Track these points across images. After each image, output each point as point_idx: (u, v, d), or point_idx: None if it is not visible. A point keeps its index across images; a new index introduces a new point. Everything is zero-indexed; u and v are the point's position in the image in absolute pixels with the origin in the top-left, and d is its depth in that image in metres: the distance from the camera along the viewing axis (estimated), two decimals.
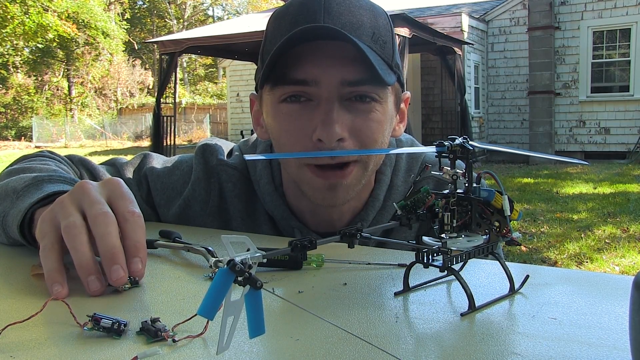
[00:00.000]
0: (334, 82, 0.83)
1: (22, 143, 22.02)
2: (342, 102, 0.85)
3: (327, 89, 0.83)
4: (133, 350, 0.47)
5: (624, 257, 4.44)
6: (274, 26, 0.89)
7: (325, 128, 0.82)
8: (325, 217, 0.98)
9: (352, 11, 0.84)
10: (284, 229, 1.00)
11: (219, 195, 1.03)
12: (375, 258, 0.74)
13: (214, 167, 1.04)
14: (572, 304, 0.56)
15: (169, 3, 34.39)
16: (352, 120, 0.85)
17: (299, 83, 0.84)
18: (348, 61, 0.83)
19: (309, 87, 0.84)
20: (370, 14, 0.86)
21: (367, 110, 0.86)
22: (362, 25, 0.84)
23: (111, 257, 0.63)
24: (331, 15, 0.83)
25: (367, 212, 0.98)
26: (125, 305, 0.60)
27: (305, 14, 0.84)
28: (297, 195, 0.98)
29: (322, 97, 0.84)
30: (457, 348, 0.47)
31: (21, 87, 26.79)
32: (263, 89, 0.91)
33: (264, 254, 0.41)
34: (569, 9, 12.41)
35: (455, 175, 0.56)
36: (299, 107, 0.86)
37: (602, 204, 6.72)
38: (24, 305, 0.60)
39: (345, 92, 0.84)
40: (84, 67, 27.30)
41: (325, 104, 0.84)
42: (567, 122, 12.64)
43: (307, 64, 0.83)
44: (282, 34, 0.84)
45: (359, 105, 0.86)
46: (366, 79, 0.83)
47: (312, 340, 0.48)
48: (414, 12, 12.85)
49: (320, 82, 0.83)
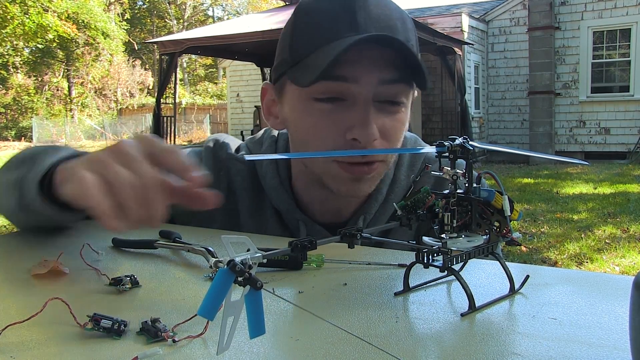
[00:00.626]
0: (374, 81, 0.85)
1: (22, 143, 22.02)
2: (374, 103, 0.86)
3: (366, 87, 0.85)
4: (133, 351, 0.47)
5: (624, 257, 4.44)
6: (304, 20, 0.89)
7: (364, 129, 0.84)
8: (333, 207, 1.01)
9: (387, 14, 0.86)
10: (290, 221, 1.01)
11: (227, 189, 1.04)
12: (375, 258, 0.74)
13: (223, 161, 1.05)
14: (572, 304, 0.56)
15: (169, 3, 34.41)
16: (382, 121, 0.87)
17: (339, 79, 0.85)
18: (388, 62, 0.85)
19: (346, 84, 0.85)
20: (400, 17, 0.89)
21: (395, 112, 0.89)
22: (396, 29, 0.86)
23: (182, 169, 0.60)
24: (371, 17, 0.84)
25: (370, 205, 1.01)
26: (125, 305, 0.60)
27: (344, 13, 0.84)
28: (307, 186, 1.01)
29: (359, 97, 0.85)
30: (457, 348, 0.47)
31: (21, 87, 26.80)
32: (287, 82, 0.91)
33: (264, 254, 0.41)
34: (569, 9, 12.41)
35: (455, 176, 0.56)
36: (333, 106, 0.87)
37: (602, 204, 6.72)
38: (24, 305, 0.60)
39: (380, 91, 0.86)
40: (84, 67, 27.31)
41: (363, 104, 0.85)
42: (567, 122, 12.64)
43: (348, 62, 0.83)
44: (319, 30, 0.85)
45: (389, 107, 0.88)
46: (403, 78, 0.86)
47: (312, 340, 0.48)
48: (414, 12, 12.87)
49: (361, 80, 0.84)
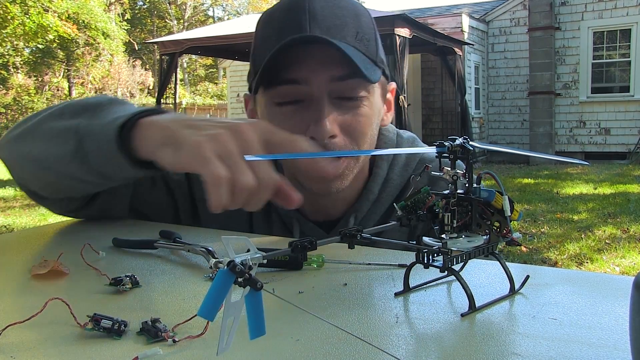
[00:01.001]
0: (323, 80, 0.88)
1: None
2: (331, 100, 0.89)
3: (317, 86, 0.88)
4: (133, 351, 0.47)
5: (624, 257, 4.43)
6: (263, 32, 0.95)
7: (318, 126, 0.87)
8: (321, 207, 1.02)
9: (335, 13, 0.89)
10: (286, 220, 1.03)
11: None
12: (375, 258, 0.74)
13: None
14: (573, 304, 0.56)
15: (169, 3, 34.40)
16: (342, 117, 0.89)
17: (291, 82, 0.89)
18: (335, 60, 0.87)
19: (300, 86, 0.88)
20: (353, 14, 0.91)
21: (356, 107, 0.91)
22: (346, 26, 0.89)
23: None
24: (316, 19, 0.87)
25: (360, 204, 1.02)
26: (125, 306, 0.60)
27: (291, 20, 0.89)
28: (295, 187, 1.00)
29: (313, 96, 0.89)
30: (457, 348, 0.47)
31: (21, 87, 26.79)
32: (257, 91, 0.95)
33: (264, 254, 0.41)
34: (569, 10, 12.41)
35: (455, 176, 0.56)
36: (292, 109, 0.90)
37: (602, 205, 6.72)
38: (24, 305, 0.60)
39: (334, 88, 0.89)
40: (84, 67, 27.30)
41: (316, 103, 0.88)
42: (567, 122, 12.64)
43: (298, 65, 0.88)
44: (271, 40, 0.90)
45: (347, 102, 0.90)
46: (352, 74, 0.88)
47: (312, 340, 0.48)
48: (415, 12, 12.87)
49: (311, 80, 0.88)
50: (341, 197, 1.01)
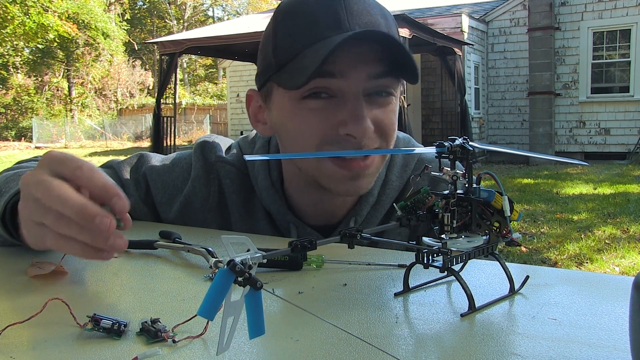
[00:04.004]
0: (362, 76, 0.85)
1: (22, 143, 22.01)
2: (365, 97, 0.87)
3: (355, 82, 0.85)
4: (133, 351, 0.47)
5: (624, 257, 4.43)
6: (287, 24, 0.89)
7: (358, 123, 0.84)
8: (326, 209, 1.00)
9: (369, 11, 0.87)
10: (280, 223, 1.01)
11: (218, 192, 1.05)
12: (375, 259, 0.74)
13: (213, 164, 1.05)
14: (572, 304, 0.56)
15: (169, 4, 34.40)
16: (375, 113, 0.88)
17: (326, 75, 0.84)
18: (374, 57, 0.85)
19: (334, 80, 0.85)
20: (381, 13, 0.89)
21: (386, 103, 0.89)
22: (380, 25, 0.87)
23: (85, 214, 0.59)
24: (353, 14, 0.85)
25: (361, 207, 1.00)
26: (125, 306, 0.60)
27: (325, 12, 0.85)
28: (300, 188, 1.00)
29: (349, 92, 0.85)
30: (457, 349, 0.47)
31: (21, 87, 26.79)
32: (274, 86, 0.91)
33: (264, 254, 0.41)
34: (569, 10, 12.41)
35: (455, 176, 0.56)
36: (323, 103, 0.86)
37: (602, 205, 6.72)
38: (24, 305, 0.60)
39: (370, 86, 0.86)
40: (84, 67, 27.30)
41: (354, 100, 0.85)
42: (567, 122, 12.64)
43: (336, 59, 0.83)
44: (303, 32, 0.85)
45: (378, 99, 0.88)
46: (388, 72, 0.87)
47: (312, 341, 0.48)
48: (414, 12, 12.87)
49: (349, 75, 0.85)
50: (342, 201, 1.00)
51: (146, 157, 1.13)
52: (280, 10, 0.91)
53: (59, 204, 0.60)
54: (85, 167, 0.64)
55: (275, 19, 0.91)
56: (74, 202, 0.60)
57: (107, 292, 0.64)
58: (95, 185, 0.63)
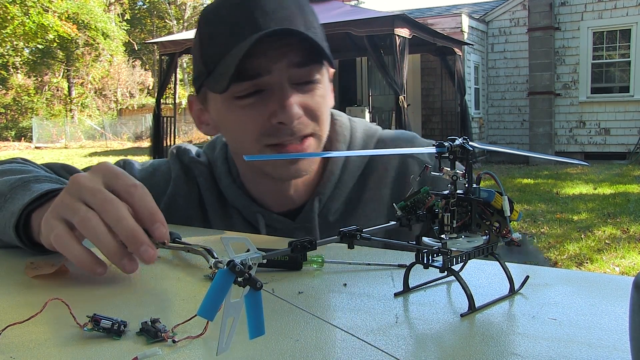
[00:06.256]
0: (284, 67, 0.91)
1: (22, 144, 22.02)
2: (291, 85, 0.92)
3: (278, 74, 0.91)
4: (133, 351, 0.47)
5: (624, 257, 4.44)
6: (208, 30, 0.96)
7: (285, 111, 0.90)
8: (284, 195, 1.05)
9: (283, 5, 0.92)
10: (249, 216, 1.06)
11: (197, 190, 1.11)
12: (375, 259, 0.74)
13: (188, 165, 1.12)
14: (572, 304, 0.56)
15: (169, 4, 34.39)
16: (304, 99, 0.94)
17: (255, 77, 0.91)
18: (293, 48, 0.91)
19: (262, 79, 0.91)
20: (296, 4, 0.94)
21: (313, 89, 0.95)
22: (295, 18, 0.92)
23: (135, 240, 0.65)
24: (267, 13, 0.90)
25: (323, 187, 1.05)
26: (125, 306, 0.60)
27: (243, 16, 0.91)
28: (254, 180, 1.06)
29: (274, 84, 0.92)
30: (457, 349, 0.47)
31: (21, 87, 26.79)
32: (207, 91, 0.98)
33: (263, 254, 0.41)
34: (569, 10, 12.42)
35: (455, 176, 0.56)
36: (254, 99, 0.93)
37: (602, 205, 6.72)
38: (24, 305, 0.60)
39: (293, 74, 0.92)
40: (84, 67, 27.30)
41: (279, 90, 0.91)
42: (567, 122, 12.65)
43: (257, 59, 0.90)
44: (223, 36, 0.92)
45: (305, 86, 0.94)
46: (310, 60, 0.93)
47: (312, 341, 0.48)
48: (414, 12, 12.88)
49: (272, 70, 0.91)
50: (303, 182, 1.04)
51: (129, 163, 1.16)
52: (202, 18, 0.99)
53: (113, 220, 0.65)
54: (139, 187, 0.70)
55: (198, 26, 0.99)
56: (127, 224, 0.65)
57: (107, 292, 0.64)
58: (145, 208, 0.68)
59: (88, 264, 0.65)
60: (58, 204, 0.69)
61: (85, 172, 0.75)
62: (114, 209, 0.66)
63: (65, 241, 0.66)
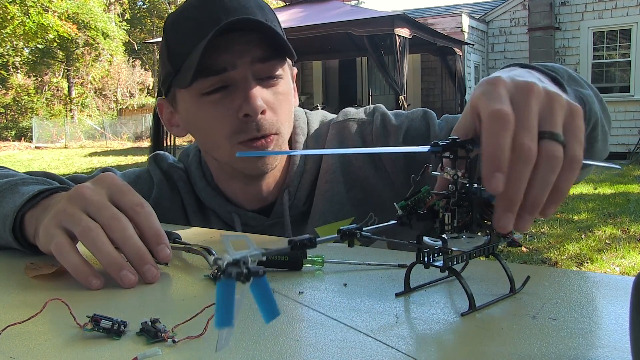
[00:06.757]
0: (248, 62, 0.95)
1: (22, 144, 22.02)
2: (255, 80, 0.96)
3: (242, 68, 0.95)
4: (133, 351, 0.47)
5: (624, 257, 4.43)
6: (175, 32, 1.00)
7: (250, 103, 0.94)
8: (256, 192, 1.08)
9: (244, 5, 0.97)
10: (223, 215, 1.09)
11: (179, 193, 1.14)
12: (375, 258, 0.74)
13: (167, 171, 1.16)
14: (573, 304, 0.56)
15: (169, 4, 34.39)
16: (264, 94, 0.97)
17: (220, 72, 0.94)
18: (257, 44, 0.96)
19: (227, 73, 0.95)
20: (257, 5, 0.99)
21: (275, 84, 0.99)
22: (256, 15, 0.97)
23: (140, 259, 0.66)
24: (229, 11, 0.95)
25: (291, 179, 1.08)
26: (125, 306, 0.60)
27: (206, 16, 0.95)
28: (226, 179, 1.10)
29: (239, 78, 0.95)
30: (457, 348, 0.47)
31: (21, 87, 26.80)
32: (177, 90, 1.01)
33: (263, 251, 0.40)
34: (569, 10, 12.42)
35: (455, 176, 0.56)
36: (221, 94, 0.96)
37: (602, 205, 6.72)
38: (24, 305, 0.60)
39: (257, 69, 0.96)
40: (84, 67, 27.30)
41: (244, 83, 0.95)
42: None
43: (222, 54, 0.94)
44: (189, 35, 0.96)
45: (268, 82, 0.98)
46: (273, 55, 0.97)
47: (312, 340, 0.48)
48: (414, 12, 12.88)
49: (237, 65, 0.94)
50: (271, 180, 1.08)
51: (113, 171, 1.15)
52: (168, 23, 1.03)
53: (120, 238, 0.67)
54: (145, 206, 0.71)
55: (164, 31, 1.03)
56: (134, 243, 0.67)
57: (107, 292, 0.64)
58: (150, 228, 0.70)
59: (85, 276, 0.65)
60: (60, 212, 0.69)
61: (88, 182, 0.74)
62: (120, 226, 0.67)
63: (65, 251, 0.66)
